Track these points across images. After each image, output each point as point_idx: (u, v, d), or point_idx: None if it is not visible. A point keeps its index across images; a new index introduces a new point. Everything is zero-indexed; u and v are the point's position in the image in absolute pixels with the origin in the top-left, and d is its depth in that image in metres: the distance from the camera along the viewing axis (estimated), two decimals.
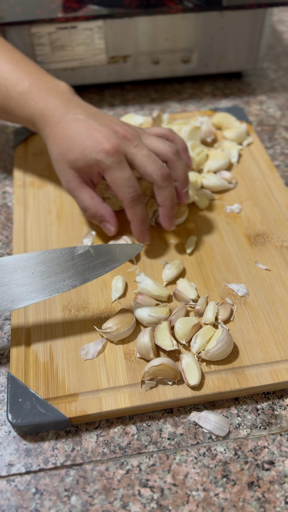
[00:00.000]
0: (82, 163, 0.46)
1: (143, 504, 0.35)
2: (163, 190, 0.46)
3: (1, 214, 0.56)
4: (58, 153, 0.48)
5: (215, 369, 0.40)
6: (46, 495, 0.35)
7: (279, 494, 0.35)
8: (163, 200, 0.47)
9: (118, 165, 0.45)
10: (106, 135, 0.45)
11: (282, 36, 0.85)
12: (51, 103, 0.48)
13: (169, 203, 0.47)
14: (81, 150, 0.46)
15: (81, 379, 0.40)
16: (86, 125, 0.47)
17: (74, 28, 0.62)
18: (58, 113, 0.48)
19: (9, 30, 0.61)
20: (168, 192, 0.47)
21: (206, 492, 0.35)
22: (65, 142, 0.47)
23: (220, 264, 0.48)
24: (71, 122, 0.47)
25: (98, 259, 0.42)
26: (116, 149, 0.45)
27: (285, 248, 0.49)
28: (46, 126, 0.49)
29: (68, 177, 0.48)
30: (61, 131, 0.47)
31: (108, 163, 0.45)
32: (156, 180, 0.46)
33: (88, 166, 0.46)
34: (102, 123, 0.47)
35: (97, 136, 0.45)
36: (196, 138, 0.59)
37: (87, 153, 0.45)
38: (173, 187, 0.47)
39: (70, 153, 0.47)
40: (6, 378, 0.42)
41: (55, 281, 0.41)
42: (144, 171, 0.46)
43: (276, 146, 0.64)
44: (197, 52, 0.67)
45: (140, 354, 0.41)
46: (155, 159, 0.46)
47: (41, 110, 0.49)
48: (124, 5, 0.61)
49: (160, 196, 0.47)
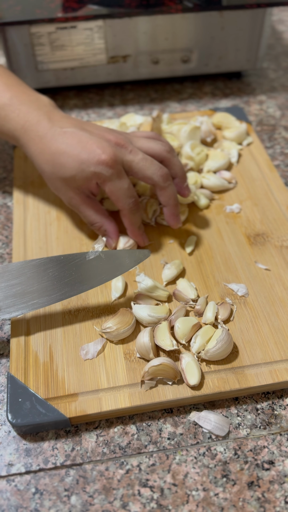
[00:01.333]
0: (81, 178, 0.45)
1: (143, 504, 0.35)
2: (166, 190, 0.46)
3: (1, 214, 0.56)
4: (50, 171, 0.46)
5: (215, 369, 0.40)
6: (46, 495, 0.35)
7: (279, 494, 0.35)
8: (167, 200, 0.47)
9: (117, 176, 0.44)
10: (101, 146, 0.44)
11: (281, 36, 0.85)
12: (33, 117, 0.46)
13: (173, 201, 0.47)
14: (77, 165, 0.44)
15: (81, 379, 0.40)
16: (76, 137, 0.45)
17: (74, 28, 0.62)
18: (42, 127, 0.46)
19: (8, 30, 0.61)
20: (171, 191, 0.47)
21: (206, 492, 0.35)
22: (57, 158, 0.45)
23: (220, 264, 0.48)
24: (58, 136, 0.45)
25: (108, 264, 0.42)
26: (114, 159, 0.44)
27: (285, 248, 0.49)
28: (30, 141, 0.47)
29: (68, 194, 0.47)
30: (49, 146, 0.45)
31: (108, 175, 0.44)
32: (158, 182, 0.46)
33: (88, 180, 0.45)
34: (91, 133, 0.46)
35: (91, 148, 0.44)
36: (196, 138, 0.59)
37: (85, 167, 0.44)
38: (173, 185, 0.47)
39: (65, 170, 0.45)
40: (6, 378, 0.42)
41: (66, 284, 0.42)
42: (144, 175, 0.45)
43: (276, 146, 0.64)
44: (196, 52, 0.67)
45: (140, 354, 0.41)
46: (152, 161, 0.45)
47: (23, 124, 0.47)
48: (124, 5, 0.61)
49: (163, 197, 0.47)
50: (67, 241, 0.51)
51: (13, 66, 0.65)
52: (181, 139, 0.59)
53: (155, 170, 0.45)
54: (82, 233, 0.51)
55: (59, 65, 0.66)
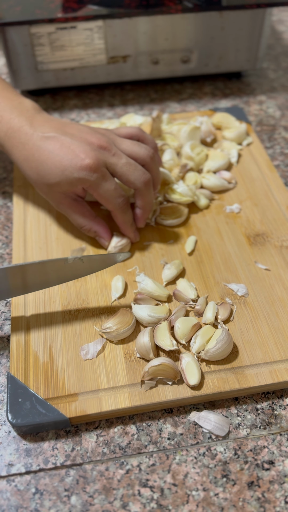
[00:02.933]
0: (65, 184, 0.45)
1: (143, 504, 0.35)
2: (145, 196, 0.48)
3: (1, 214, 0.56)
4: (36, 177, 0.46)
5: (214, 369, 0.40)
6: (46, 495, 0.35)
7: (279, 494, 0.35)
8: (144, 204, 0.48)
9: (103, 179, 0.45)
10: (83, 150, 0.44)
11: (281, 36, 0.85)
12: (15, 123, 0.46)
13: (149, 207, 0.49)
14: (61, 172, 0.44)
15: (81, 379, 0.40)
16: (58, 142, 0.45)
17: (74, 28, 0.62)
18: (24, 133, 0.46)
19: (8, 30, 0.61)
20: (150, 198, 0.48)
21: (206, 492, 0.35)
22: (40, 165, 0.45)
23: (219, 264, 0.48)
24: (40, 142, 0.45)
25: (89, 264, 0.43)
26: (97, 163, 0.44)
27: (285, 248, 0.49)
28: (14, 148, 0.47)
29: (55, 199, 0.47)
30: (32, 153, 0.45)
31: (93, 179, 0.44)
32: (139, 188, 0.46)
33: (72, 186, 0.45)
34: (73, 137, 0.45)
35: (74, 153, 0.44)
36: (195, 138, 0.59)
37: (68, 174, 0.44)
38: (153, 191, 0.48)
39: (49, 177, 0.45)
40: (6, 378, 0.42)
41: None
42: (127, 180, 0.46)
43: (275, 146, 0.64)
44: (196, 52, 0.67)
45: (140, 354, 0.41)
46: (135, 166, 0.46)
47: (6, 131, 0.46)
48: (123, 5, 0.61)
49: (141, 201, 0.48)
50: (67, 241, 0.51)
51: (13, 66, 0.65)
52: (181, 139, 0.59)
53: (138, 176, 0.46)
54: (82, 233, 0.51)
55: (59, 65, 0.66)
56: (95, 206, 0.53)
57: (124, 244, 0.49)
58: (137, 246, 0.50)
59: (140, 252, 0.49)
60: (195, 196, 0.53)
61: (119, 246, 0.49)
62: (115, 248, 0.49)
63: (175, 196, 0.52)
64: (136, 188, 0.47)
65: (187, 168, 0.55)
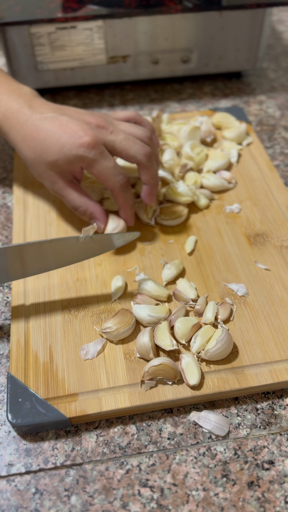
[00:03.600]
0: (63, 162, 0.45)
1: (143, 504, 0.35)
2: (149, 169, 0.47)
3: (1, 214, 0.56)
4: (33, 156, 0.47)
5: (214, 369, 0.40)
6: (46, 495, 0.35)
7: (279, 494, 0.35)
8: (149, 178, 0.48)
9: (101, 156, 0.45)
10: (81, 128, 0.44)
11: (281, 36, 0.85)
12: (14, 105, 0.47)
13: (154, 181, 0.48)
14: (59, 149, 0.45)
15: (81, 379, 0.40)
16: (56, 122, 0.45)
17: (74, 28, 0.62)
18: (23, 114, 0.47)
19: (8, 30, 0.61)
20: (154, 170, 0.48)
21: (206, 491, 0.35)
22: (38, 143, 0.46)
23: (219, 264, 0.48)
24: (39, 122, 0.46)
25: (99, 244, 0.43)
26: (95, 140, 0.44)
27: (285, 248, 0.49)
28: (12, 129, 0.47)
29: (51, 179, 0.47)
30: (30, 132, 0.46)
31: (91, 156, 0.44)
32: (141, 160, 0.46)
33: (70, 164, 0.45)
34: (71, 117, 0.46)
35: (73, 131, 0.44)
36: (195, 138, 0.59)
37: (67, 151, 0.44)
38: (156, 165, 0.48)
39: (47, 155, 0.45)
40: (6, 378, 0.42)
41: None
42: (127, 154, 0.46)
43: (275, 146, 0.64)
44: (196, 52, 0.67)
45: (140, 354, 0.41)
46: (134, 140, 0.46)
47: (4, 112, 0.47)
48: (123, 5, 0.61)
49: (146, 175, 0.48)
50: None
51: (13, 66, 0.65)
52: (181, 139, 0.59)
53: (138, 149, 0.46)
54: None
55: (59, 65, 0.66)
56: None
57: (121, 229, 0.49)
58: (137, 246, 0.50)
59: (140, 252, 0.49)
60: (195, 196, 0.53)
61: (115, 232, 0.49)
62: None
63: (175, 196, 0.53)
64: (138, 162, 0.46)
65: (187, 168, 0.55)
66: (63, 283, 0.47)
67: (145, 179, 0.48)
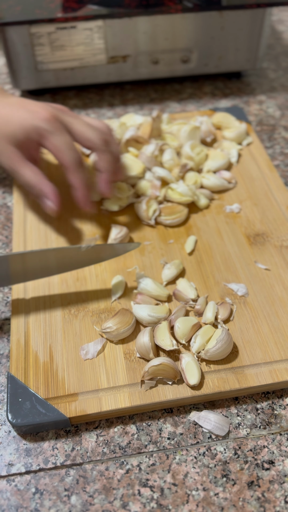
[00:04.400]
0: (21, 133, 0.46)
1: (143, 503, 0.35)
2: (105, 154, 0.47)
3: (1, 214, 0.56)
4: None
5: (214, 368, 0.40)
6: (46, 495, 0.35)
7: (278, 494, 0.35)
8: (105, 164, 0.48)
9: (57, 130, 0.46)
10: (42, 107, 0.47)
11: (281, 36, 0.85)
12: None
13: (110, 167, 0.48)
14: (18, 122, 0.46)
15: (81, 379, 0.40)
16: (21, 103, 0.48)
17: (74, 28, 0.62)
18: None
19: (8, 30, 0.61)
20: (110, 156, 0.48)
21: (206, 491, 0.35)
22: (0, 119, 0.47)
23: (219, 264, 0.48)
24: (5, 105, 0.48)
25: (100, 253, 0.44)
26: (55, 116, 0.46)
27: (285, 248, 0.49)
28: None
29: (7, 153, 0.47)
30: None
31: (48, 128, 0.45)
32: (98, 145, 0.47)
33: (27, 136, 0.46)
34: (35, 103, 0.48)
35: (34, 109, 0.46)
36: (195, 138, 0.59)
37: (26, 124, 0.46)
38: (112, 152, 0.48)
39: (7, 128, 0.47)
40: (6, 378, 0.42)
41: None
42: (85, 137, 0.47)
43: (275, 145, 0.64)
44: (196, 52, 0.67)
45: (140, 354, 0.41)
46: (93, 128, 0.47)
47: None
48: (123, 5, 0.61)
49: (102, 161, 0.48)
50: (67, 241, 0.51)
51: (13, 66, 0.65)
52: (181, 139, 0.59)
53: (96, 134, 0.47)
54: (82, 233, 0.51)
55: (59, 65, 0.66)
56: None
57: (123, 236, 0.49)
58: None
59: (140, 252, 0.49)
60: (195, 196, 0.53)
61: (119, 238, 0.49)
62: (115, 240, 0.49)
63: (175, 196, 0.53)
64: (94, 146, 0.47)
65: (187, 168, 0.55)
66: (63, 282, 0.47)
67: (101, 166, 0.48)
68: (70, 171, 0.46)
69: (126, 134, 0.58)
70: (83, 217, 0.53)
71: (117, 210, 0.53)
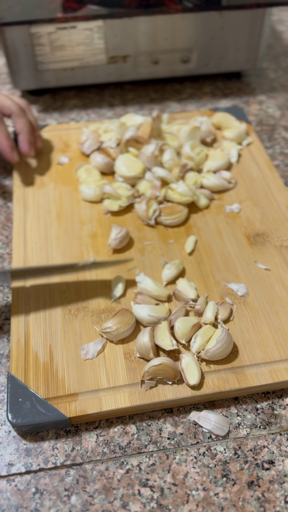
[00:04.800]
0: None
1: (143, 503, 0.35)
2: (20, 118, 0.55)
3: (1, 214, 0.56)
4: None
5: (214, 368, 0.40)
6: (46, 495, 0.35)
7: (278, 494, 0.35)
8: (22, 126, 0.55)
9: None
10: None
11: (281, 36, 0.85)
12: None
13: (27, 129, 0.56)
14: None
15: (81, 379, 0.40)
16: None
17: (74, 28, 0.62)
18: None
19: (8, 30, 0.61)
20: (26, 120, 0.55)
21: (206, 491, 0.35)
22: None
23: (219, 264, 0.48)
24: None
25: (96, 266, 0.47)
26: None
27: (285, 248, 0.49)
28: None
29: None
30: None
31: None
32: (14, 110, 0.55)
33: None
34: None
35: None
36: (195, 138, 0.59)
37: None
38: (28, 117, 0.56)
39: None
40: (6, 378, 0.42)
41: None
42: (3, 105, 0.54)
43: (275, 146, 0.64)
44: (196, 52, 0.67)
45: (140, 354, 0.41)
46: (12, 100, 0.55)
47: None
48: (123, 5, 0.61)
49: (19, 124, 0.55)
50: (67, 241, 0.51)
51: (13, 66, 0.65)
52: (181, 139, 0.59)
53: (13, 103, 0.55)
54: (82, 233, 0.51)
55: (59, 65, 0.66)
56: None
57: (123, 236, 0.49)
58: (137, 246, 0.50)
59: (140, 252, 0.49)
60: (195, 196, 0.53)
61: (119, 238, 0.49)
62: (115, 240, 0.49)
63: (175, 196, 0.53)
64: (11, 112, 0.55)
65: (187, 168, 0.55)
66: (63, 283, 0.47)
67: (19, 128, 0.55)
68: (14, 117, 0.55)
69: (126, 134, 0.58)
70: (83, 217, 0.53)
71: (117, 210, 0.53)
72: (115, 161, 0.57)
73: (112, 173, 0.58)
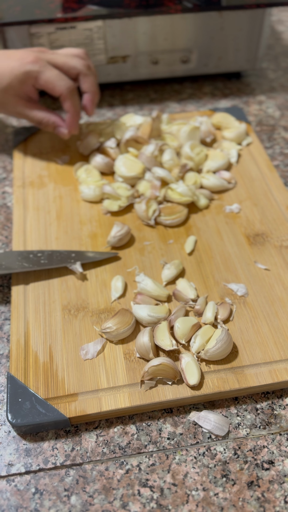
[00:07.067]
0: (16, 82, 0.52)
1: (142, 504, 0.35)
2: (89, 77, 0.55)
3: (1, 214, 0.56)
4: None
5: (214, 368, 0.40)
6: (46, 495, 0.35)
7: (278, 494, 0.35)
8: (89, 86, 0.55)
9: (45, 67, 0.52)
10: (25, 53, 0.53)
11: (281, 36, 0.85)
12: None
13: (94, 88, 0.56)
14: (10, 73, 0.52)
15: (80, 379, 0.40)
16: (4, 55, 0.53)
17: (74, 28, 0.62)
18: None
19: (8, 30, 0.61)
20: (93, 79, 0.55)
21: (205, 491, 0.35)
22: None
23: (219, 264, 0.48)
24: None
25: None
26: (38, 57, 0.52)
27: (284, 248, 0.49)
28: None
29: (11, 103, 0.54)
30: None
31: (36, 68, 0.52)
32: (81, 70, 0.54)
33: (22, 82, 0.52)
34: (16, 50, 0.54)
35: (18, 57, 0.52)
36: (195, 138, 0.59)
37: (16, 72, 0.52)
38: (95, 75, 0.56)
39: (2, 81, 0.52)
40: (6, 378, 0.42)
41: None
42: (69, 65, 0.54)
43: (275, 146, 0.64)
44: (196, 52, 0.67)
45: (140, 354, 0.41)
46: (73, 57, 0.55)
47: None
48: (123, 5, 0.62)
49: (87, 83, 0.55)
50: (67, 241, 0.51)
51: None
52: (180, 139, 0.59)
53: (78, 61, 0.54)
54: (81, 233, 0.51)
55: None
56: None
57: (124, 234, 0.49)
58: (137, 246, 0.50)
59: (140, 252, 0.49)
60: (195, 196, 0.53)
61: (118, 236, 0.49)
62: (114, 238, 0.49)
63: (175, 196, 0.53)
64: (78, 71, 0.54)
65: (186, 168, 0.55)
66: (63, 283, 0.47)
67: (86, 87, 0.55)
68: (64, 98, 0.54)
69: (126, 134, 0.58)
70: (83, 217, 0.53)
71: (116, 210, 0.53)
72: (114, 161, 0.57)
73: (112, 173, 0.58)
